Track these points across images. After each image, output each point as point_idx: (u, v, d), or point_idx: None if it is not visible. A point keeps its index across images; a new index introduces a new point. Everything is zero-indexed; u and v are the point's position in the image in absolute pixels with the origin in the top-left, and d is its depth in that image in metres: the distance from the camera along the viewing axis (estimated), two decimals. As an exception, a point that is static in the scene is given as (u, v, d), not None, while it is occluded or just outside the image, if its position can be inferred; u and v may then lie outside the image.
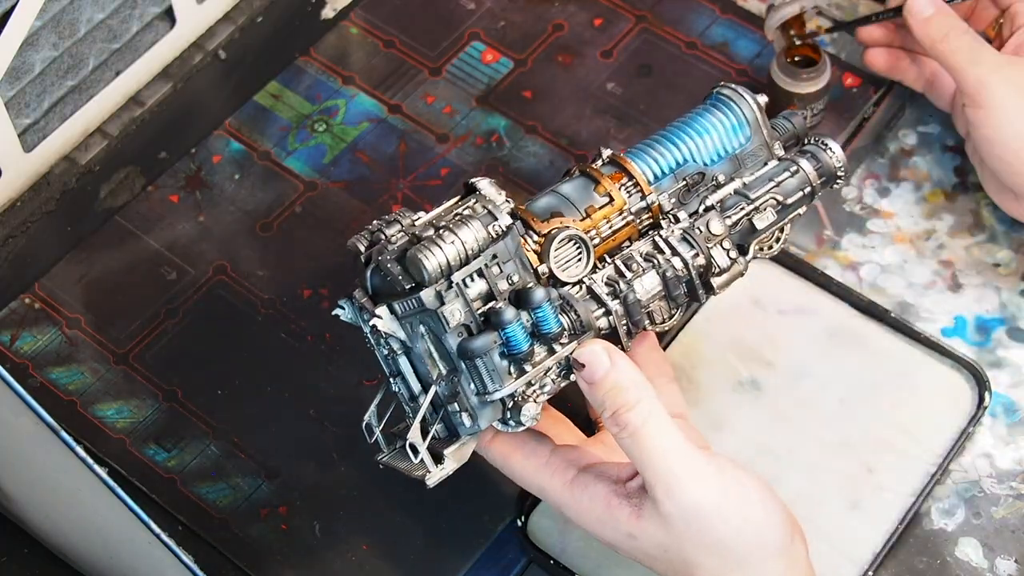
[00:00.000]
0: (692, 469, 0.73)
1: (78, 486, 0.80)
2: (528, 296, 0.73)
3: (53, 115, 1.05)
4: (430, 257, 0.72)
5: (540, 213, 0.78)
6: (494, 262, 0.74)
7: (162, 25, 1.09)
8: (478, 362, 0.73)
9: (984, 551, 0.89)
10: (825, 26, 1.12)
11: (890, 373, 0.95)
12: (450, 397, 0.75)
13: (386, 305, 0.75)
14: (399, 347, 0.76)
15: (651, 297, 0.78)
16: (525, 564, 0.91)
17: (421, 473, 0.76)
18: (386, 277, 0.74)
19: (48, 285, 1.02)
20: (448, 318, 0.73)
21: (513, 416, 0.75)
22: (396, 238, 0.75)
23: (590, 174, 0.81)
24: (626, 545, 0.76)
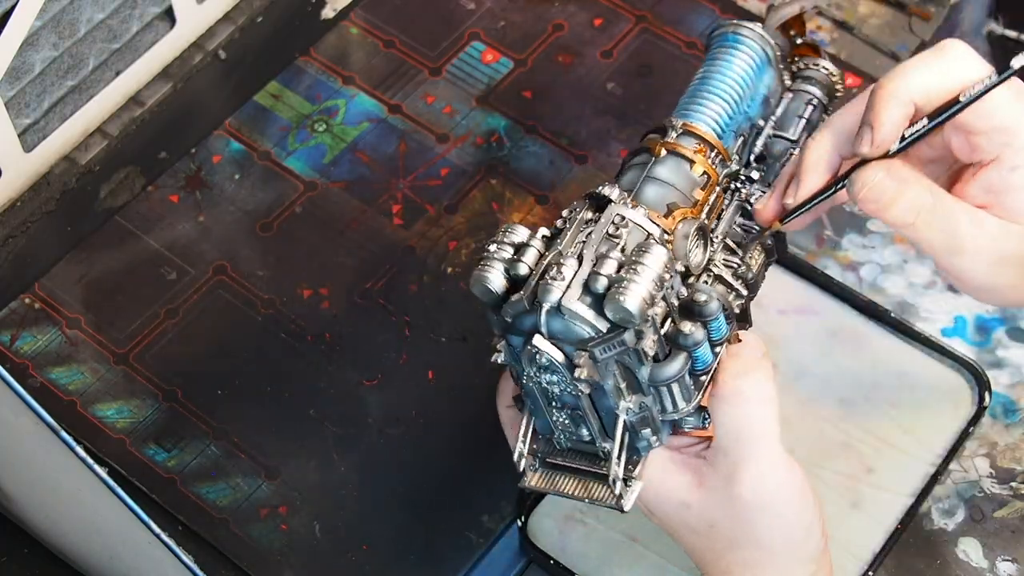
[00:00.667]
0: (778, 460, 0.73)
1: (78, 486, 0.80)
2: (703, 309, 0.70)
3: (53, 115, 1.05)
4: (636, 299, 0.67)
5: (651, 204, 0.74)
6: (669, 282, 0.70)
7: (162, 25, 1.09)
8: (673, 385, 0.71)
9: (984, 551, 0.89)
10: (826, 26, 1.11)
11: (890, 373, 0.95)
12: (640, 423, 0.73)
13: (587, 354, 0.70)
14: (587, 388, 0.71)
15: (760, 268, 0.77)
16: (525, 564, 0.91)
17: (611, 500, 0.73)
18: (571, 321, 0.69)
19: (48, 285, 1.02)
20: (648, 351, 0.70)
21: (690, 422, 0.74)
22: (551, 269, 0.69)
23: (680, 153, 0.77)
24: (675, 514, 0.75)
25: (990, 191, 0.75)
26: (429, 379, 0.97)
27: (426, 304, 1.00)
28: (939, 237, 0.74)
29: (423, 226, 1.03)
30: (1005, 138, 0.73)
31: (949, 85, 0.72)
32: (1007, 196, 0.74)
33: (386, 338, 0.98)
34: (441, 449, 0.94)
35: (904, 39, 1.11)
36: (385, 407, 0.96)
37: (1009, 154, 0.73)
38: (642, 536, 0.89)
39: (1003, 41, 1.11)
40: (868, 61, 1.10)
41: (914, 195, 0.73)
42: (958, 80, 0.72)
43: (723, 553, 0.75)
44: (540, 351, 0.70)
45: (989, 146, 0.74)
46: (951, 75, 0.73)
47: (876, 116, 0.72)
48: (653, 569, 0.88)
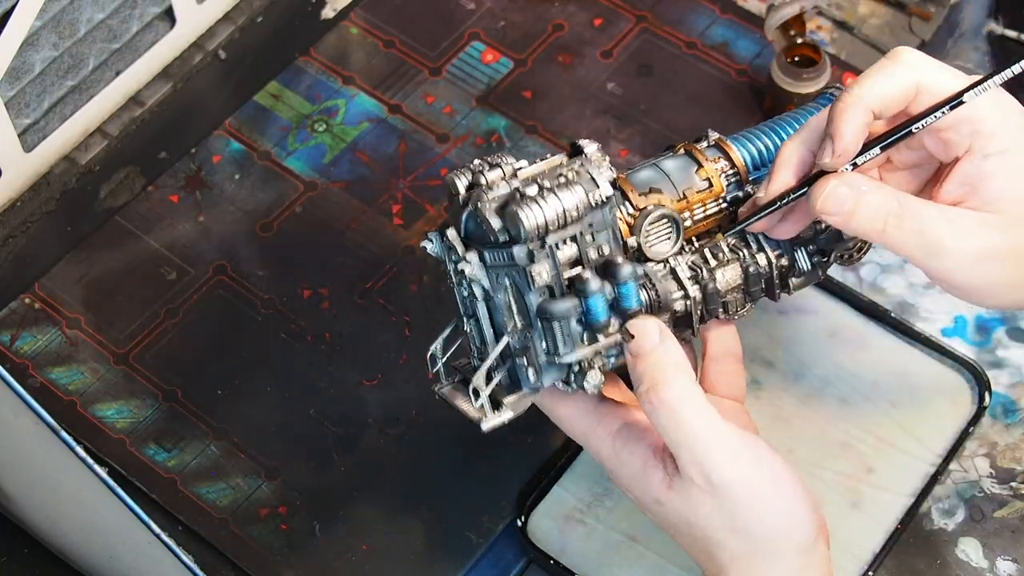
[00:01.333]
0: (727, 450, 0.73)
1: (78, 486, 0.80)
2: (616, 271, 0.74)
3: (53, 115, 1.05)
4: (530, 216, 0.72)
5: (639, 185, 0.79)
6: (589, 230, 0.74)
7: (162, 25, 1.09)
8: (555, 324, 0.74)
9: (984, 551, 0.89)
10: (826, 26, 1.12)
11: (890, 373, 0.95)
12: (520, 351, 0.76)
13: (476, 251, 0.75)
14: (480, 293, 0.76)
15: (730, 288, 0.79)
16: (525, 564, 0.91)
17: (477, 416, 0.77)
18: (481, 224, 0.74)
19: (48, 285, 1.02)
20: (535, 277, 0.73)
21: (577, 380, 0.76)
22: (496, 185, 0.75)
23: (694, 155, 0.80)
24: (654, 509, 0.76)
25: (965, 183, 0.75)
26: (429, 379, 0.96)
27: (426, 304, 1.00)
28: (913, 239, 0.74)
29: (423, 226, 1.03)
30: (971, 127, 0.74)
31: (904, 91, 0.74)
32: (982, 184, 0.75)
33: (386, 338, 0.98)
34: (441, 449, 0.94)
35: (904, 39, 1.11)
36: (385, 407, 0.96)
37: (979, 142, 0.74)
38: (642, 536, 0.89)
39: (1003, 41, 1.11)
40: (868, 61, 1.09)
41: (877, 202, 0.73)
42: (912, 85, 0.74)
43: (710, 550, 0.75)
44: (450, 241, 0.76)
45: (959, 138, 0.75)
46: (905, 81, 0.74)
47: (836, 128, 0.74)
48: (653, 569, 0.88)
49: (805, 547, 0.75)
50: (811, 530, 0.75)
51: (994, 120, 0.74)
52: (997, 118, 0.74)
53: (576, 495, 0.91)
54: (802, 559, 0.75)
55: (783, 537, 0.74)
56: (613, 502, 0.91)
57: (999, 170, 0.75)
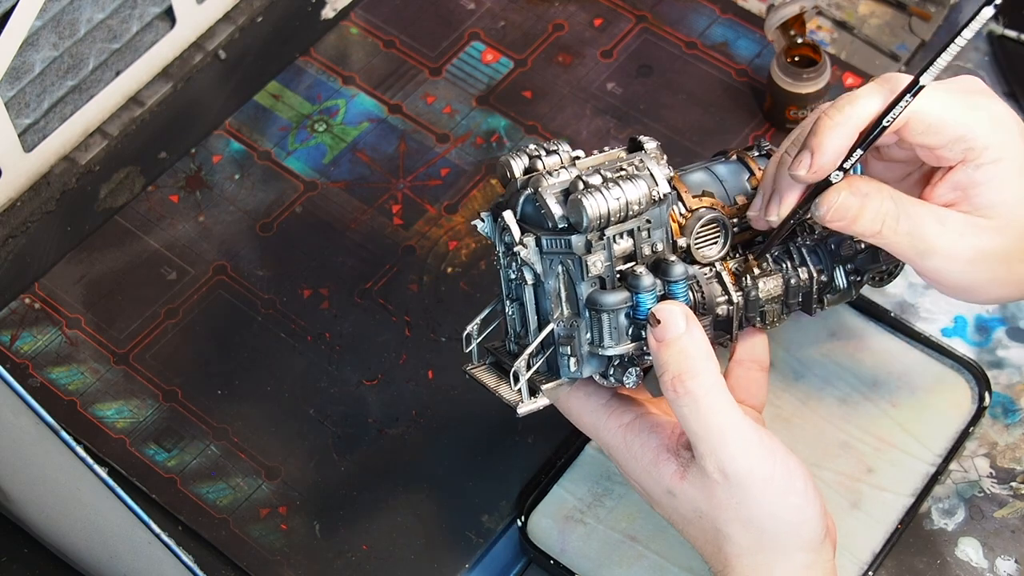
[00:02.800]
0: (744, 443, 0.73)
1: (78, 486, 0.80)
2: (669, 269, 0.75)
3: (53, 115, 1.05)
4: (594, 206, 0.73)
5: (692, 187, 0.79)
6: (646, 226, 0.75)
7: (162, 25, 1.09)
8: (603, 316, 0.74)
9: (984, 551, 0.89)
10: (826, 26, 1.12)
11: (890, 373, 0.95)
12: (564, 339, 0.76)
13: (534, 236, 0.75)
14: (531, 278, 0.76)
15: (770, 298, 0.80)
16: (525, 564, 0.91)
17: (513, 399, 0.77)
18: (540, 209, 0.75)
19: (48, 285, 1.02)
20: (590, 267, 0.74)
21: (615, 374, 0.76)
22: (556, 171, 0.75)
23: (747, 162, 0.81)
24: (664, 501, 0.77)
25: (957, 188, 0.77)
26: (429, 379, 0.97)
27: (426, 304, 1.00)
28: (907, 240, 0.76)
29: (423, 226, 1.03)
30: (964, 144, 0.76)
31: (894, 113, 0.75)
32: (973, 191, 0.76)
33: (386, 338, 0.98)
34: (441, 449, 0.94)
35: (904, 39, 1.11)
36: (385, 407, 0.96)
37: (971, 155, 0.76)
38: (642, 536, 0.89)
39: (1003, 41, 1.11)
40: (868, 61, 1.10)
41: (877, 205, 0.75)
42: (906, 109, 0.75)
43: (719, 543, 0.75)
44: (505, 223, 0.76)
45: (952, 154, 0.76)
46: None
47: (818, 143, 0.75)
48: (653, 569, 0.88)
49: (812, 545, 0.75)
50: (820, 529, 0.75)
51: (986, 134, 0.76)
52: (989, 132, 0.76)
53: (576, 495, 0.91)
54: (808, 557, 0.75)
55: (792, 533, 0.75)
56: (613, 502, 0.91)
57: (991, 179, 0.76)
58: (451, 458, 0.93)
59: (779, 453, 0.75)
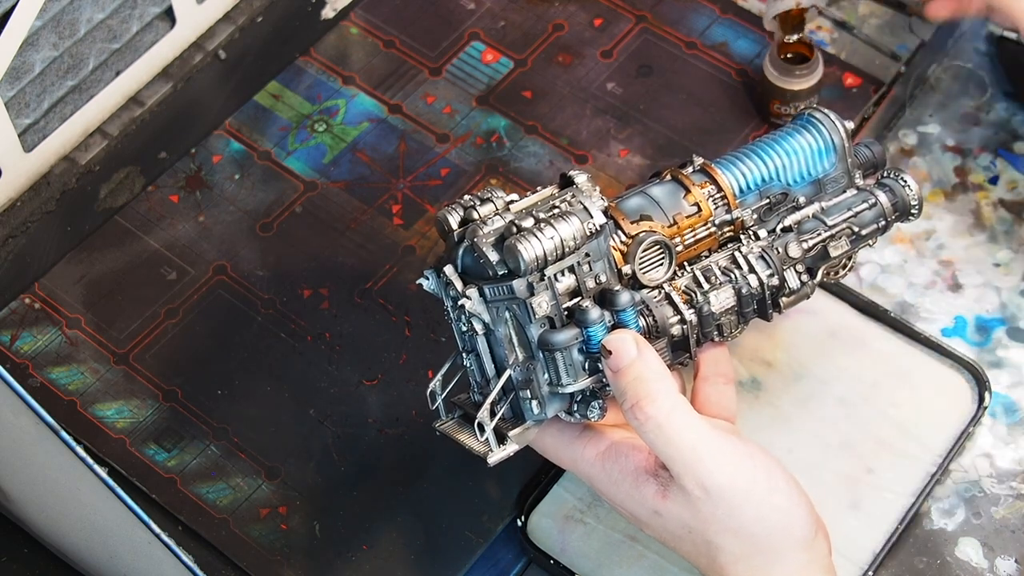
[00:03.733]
0: (718, 455, 0.73)
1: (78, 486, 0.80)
2: (614, 298, 0.75)
3: (53, 115, 1.05)
4: (529, 249, 0.73)
5: (630, 213, 0.80)
6: (586, 260, 0.75)
7: (162, 25, 1.09)
8: (557, 355, 0.75)
9: (984, 551, 0.89)
10: (826, 26, 1.11)
11: (890, 373, 0.95)
12: (523, 383, 0.76)
13: (476, 288, 0.76)
14: (481, 328, 0.77)
15: (724, 311, 0.80)
16: (525, 564, 0.91)
17: (482, 450, 0.78)
18: (479, 259, 0.75)
19: (48, 285, 1.02)
20: (536, 309, 0.74)
21: (579, 409, 0.77)
22: (490, 219, 0.76)
23: (681, 180, 0.81)
24: (651, 522, 0.77)
25: None
26: (429, 379, 0.96)
27: (426, 304, 1.00)
28: None
29: (423, 226, 1.03)
30: None
31: None
32: None
33: (386, 338, 0.98)
34: (441, 449, 0.94)
35: (904, 39, 1.11)
36: (385, 407, 0.96)
37: None
38: (642, 536, 0.89)
39: (1003, 42, 1.11)
40: (868, 61, 1.10)
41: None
42: None
43: (712, 555, 0.75)
44: (447, 278, 0.76)
45: None
46: None
47: None
48: (653, 569, 0.88)
49: (805, 543, 0.75)
50: (810, 526, 0.75)
51: None
52: None
53: (576, 495, 0.91)
54: (803, 555, 0.75)
55: (783, 534, 0.74)
56: (613, 502, 0.91)
57: None
58: (451, 458, 0.93)
59: (757, 456, 0.75)
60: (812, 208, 0.83)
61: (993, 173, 1.04)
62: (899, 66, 1.09)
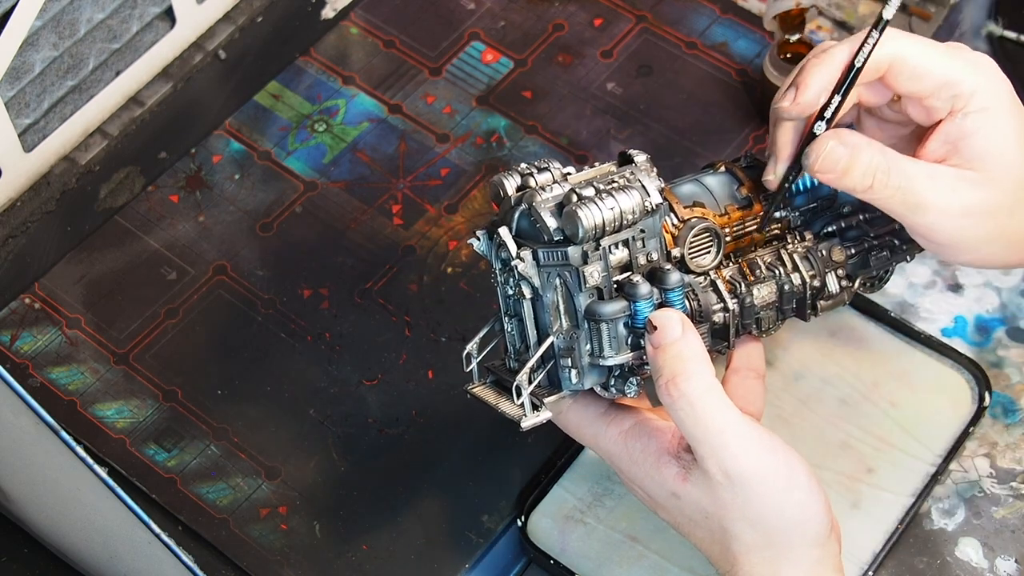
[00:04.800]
0: (744, 441, 0.73)
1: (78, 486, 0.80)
2: (664, 277, 0.76)
3: (53, 115, 1.05)
4: (589, 216, 0.73)
5: (683, 199, 0.80)
6: (640, 236, 0.76)
7: (162, 25, 1.09)
8: (602, 326, 0.75)
9: (984, 551, 0.89)
10: (826, 26, 1.11)
11: (890, 373, 0.95)
12: (565, 352, 0.77)
13: (531, 251, 0.76)
14: (529, 292, 0.77)
15: (765, 305, 0.81)
16: (525, 564, 0.91)
17: (516, 414, 0.78)
18: (535, 223, 0.75)
19: (48, 285, 1.02)
20: (587, 278, 0.75)
21: (616, 384, 0.77)
22: (548, 187, 0.76)
23: (735, 173, 0.82)
24: (668, 504, 0.77)
25: (947, 141, 0.78)
26: (429, 379, 0.97)
27: (426, 304, 1.00)
28: (898, 195, 0.77)
29: (423, 226, 1.03)
30: (950, 91, 0.77)
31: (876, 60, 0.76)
32: (963, 143, 0.77)
33: (386, 338, 0.98)
34: (441, 449, 0.94)
35: (904, 39, 1.11)
36: (385, 407, 0.96)
37: (959, 103, 0.77)
38: (642, 536, 0.89)
39: (1003, 42, 1.11)
40: (868, 61, 1.10)
41: (867, 159, 0.76)
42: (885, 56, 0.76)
43: (726, 542, 0.76)
44: (501, 240, 0.76)
45: (941, 103, 0.77)
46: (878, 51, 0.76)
47: (803, 79, 0.77)
48: (653, 569, 0.88)
49: (819, 540, 0.75)
50: (825, 524, 0.75)
51: (972, 81, 0.77)
52: (975, 79, 0.77)
53: (576, 495, 0.91)
54: (815, 552, 0.75)
55: (798, 529, 0.75)
56: (613, 502, 0.91)
57: (979, 128, 0.77)
58: (451, 458, 0.93)
59: (780, 450, 0.75)
60: (857, 217, 0.84)
61: (993, 173, 1.04)
62: (899, 66, 1.09)
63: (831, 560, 0.76)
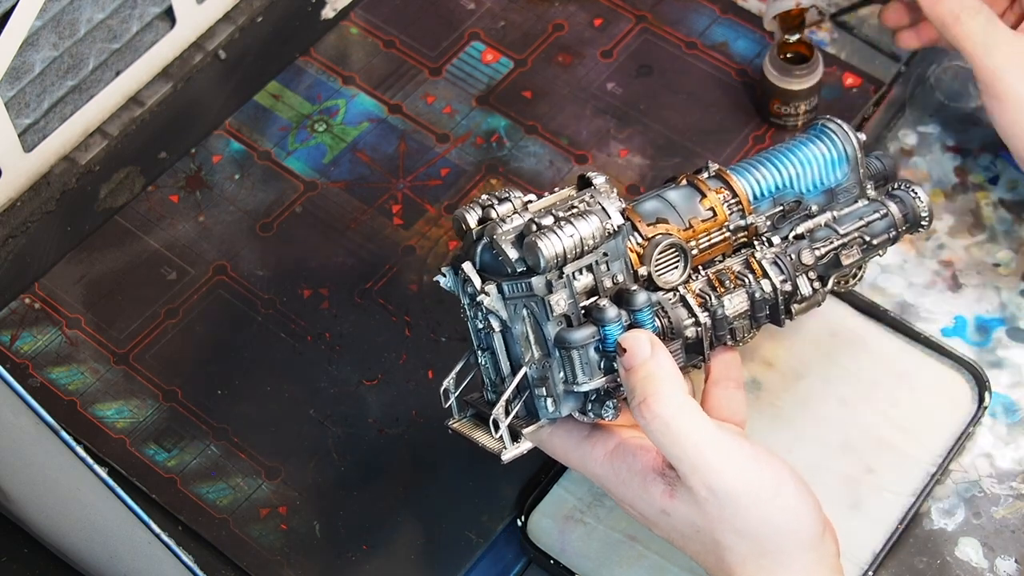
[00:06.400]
0: (724, 456, 0.73)
1: (78, 486, 0.80)
2: (631, 298, 0.76)
3: (53, 115, 1.05)
4: (549, 246, 0.74)
5: (646, 216, 0.80)
6: (604, 259, 0.76)
7: (162, 25, 1.09)
8: (573, 353, 0.75)
9: (984, 551, 0.89)
10: (826, 26, 1.11)
11: (890, 373, 0.95)
12: (538, 381, 0.77)
13: (495, 284, 0.76)
14: (498, 325, 0.77)
15: (737, 315, 0.81)
16: (525, 564, 0.91)
17: (496, 447, 0.78)
18: (498, 256, 0.76)
19: (48, 285, 1.02)
20: (553, 307, 0.75)
21: (594, 409, 0.77)
22: (509, 218, 0.77)
23: (697, 185, 0.82)
24: (660, 521, 0.77)
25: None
26: (429, 379, 0.97)
27: (426, 304, 1.00)
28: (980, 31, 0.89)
29: (423, 226, 1.03)
30: None
31: None
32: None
33: (386, 338, 0.98)
34: (441, 449, 0.94)
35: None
36: (385, 407, 0.96)
37: None
38: (642, 536, 0.89)
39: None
40: (868, 61, 1.10)
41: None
42: None
43: (719, 554, 0.75)
44: (465, 275, 0.76)
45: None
46: None
47: None
48: (653, 569, 0.89)
49: (812, 543, 0.75)
50: (817, 526, 0.75)
51: None
52: None
53: (576, 495, 0.91)
54: (811, 555, 0.75)
55: (790, 536, 0.75)
56: (613, 502, 0.91)
57: None
58: (451, 458, 0.93)
59: (763, 458, 0.75)
60: (824, 217, 0.84)
61: (993, 173, 1.04)
62: (899, 66, 1.09)
63: (827, 560, 0.76)
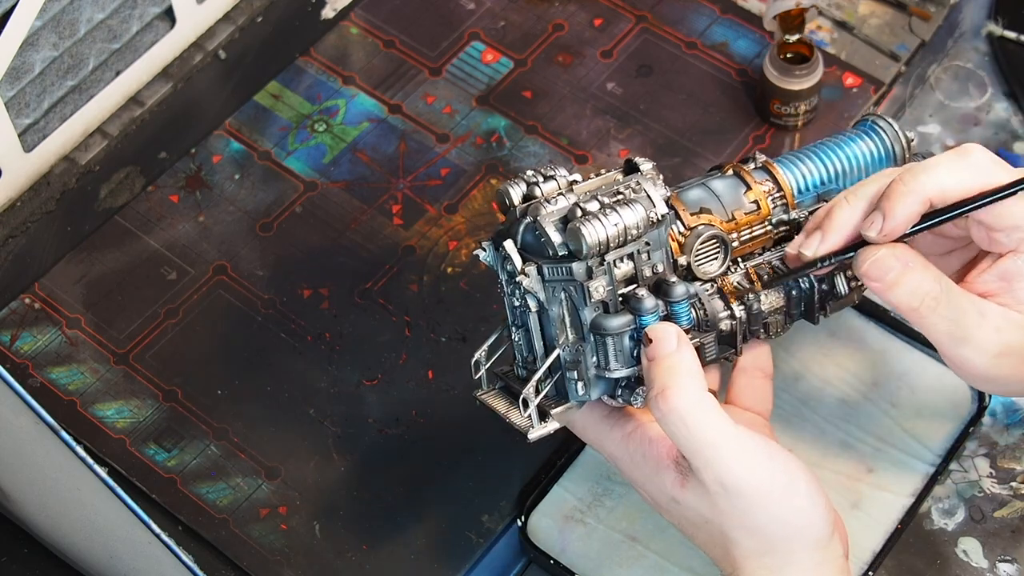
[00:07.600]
0: (738, 452, 0.73)
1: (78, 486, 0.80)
2: (670, 290, 0.75)
3: (53, 115, 1.05)
4: (592, 233, 0.73)
5: (690, 204, 0.80)
6: (646, 248, 0.76)
7: (162, 25, 1.09)
8: (608, 340, 0.75)
9: (984, 551, 0.89)
10: (826, 26, 1.11)
11: (890, 373, 0.95)
12: (571, 364, 0.77)
13: (535, 265, 0.76)
14: (535, 305, 0.77)
15: (773, 310, 0.80)
16: (525, 564, 0.91)
17: (524, 425, 0.78)
18: (540, 238, 0.75)
19: (48, 285, 1.02)
20: (592, 293, 0.75)
21: (623, 395, 0.77)
22: (553, 198, 0.76)
23: (743, 176, 0.82)
24: (670, 508, 0.77)
25: (1004, 278, 0.77)
26: (429, 379, 0.97)
27: (426, 304, 1.00)
28: (945, 325, 0.75)
29: (423, 226, 1.03)
30: (1020, 233, 0.76)
31: (965, 190, 0.75)
32: (1018, 284, 0.77)
33: (386, 338, 0.98)
34: (441, 449, 0.94)
35: (904, 39, 1.11)
36: (385, 407, 0.96)
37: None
38: (642, 536, 0.89)
39: (1003, 42, 1.11)
40: (868, 61, 1.10)
41: (919, 280, 0.75)
42: (976, 185, 0.74)
43: (726, 547, 0.76)
44: (506, 252, 0.76)
45: (1007, 241, 0.76)
46: (970, 180, 0.75)
47: (891, 207, 0.75)
48: (653, 569, 0.89)
49: (820, 544, 0.75)
50: (827, 527, 0.75)
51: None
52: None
53: (576, 495, 0.91)
54: (817, 555, 0.75)
55: (798, 535, 0.75)
56: (613, 502, 0.91)
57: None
58: (451, 458, 0.93)
59: (778, 457, 0.75)
60: None
61: (993, 173, 1.04)
62: (899, 66, 1.09)
63: (835, 562, 0.76)
